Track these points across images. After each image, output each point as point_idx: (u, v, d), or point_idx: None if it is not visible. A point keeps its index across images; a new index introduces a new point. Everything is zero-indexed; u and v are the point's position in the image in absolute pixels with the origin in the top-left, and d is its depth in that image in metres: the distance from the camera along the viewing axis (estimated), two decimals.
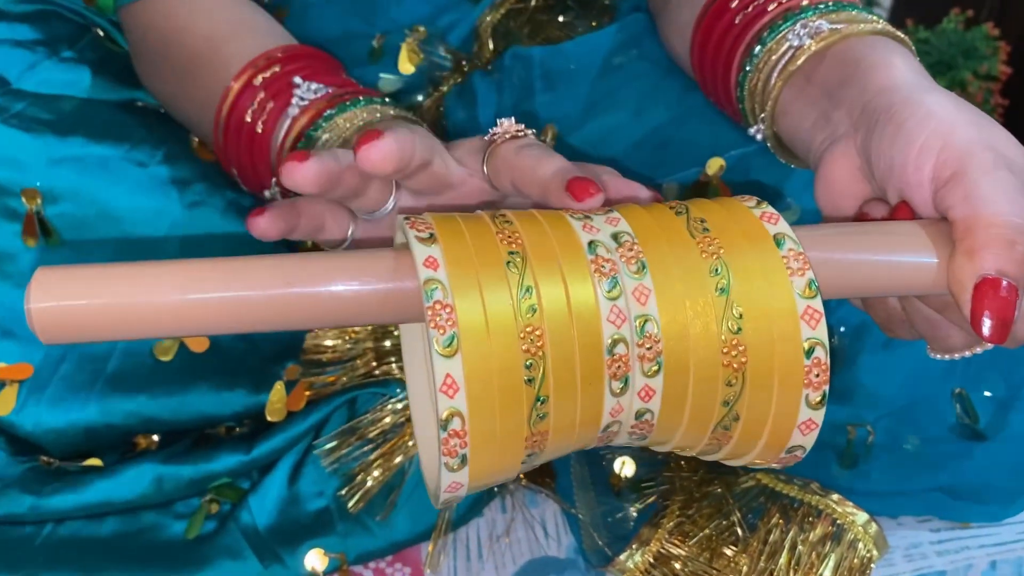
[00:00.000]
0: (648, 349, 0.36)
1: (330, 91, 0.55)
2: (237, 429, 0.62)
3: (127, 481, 0.57)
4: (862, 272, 0.40)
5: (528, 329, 0.35)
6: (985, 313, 0.37)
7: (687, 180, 0.63)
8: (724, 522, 0.56)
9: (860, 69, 0.47)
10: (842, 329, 0.61)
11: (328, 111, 0.54)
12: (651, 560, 0.55)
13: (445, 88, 0.72)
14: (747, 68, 0.53)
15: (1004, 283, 0.37)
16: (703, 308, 0.36)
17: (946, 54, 1.93)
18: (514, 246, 0.36)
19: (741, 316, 0.36)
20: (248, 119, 0.56)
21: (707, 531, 0.55)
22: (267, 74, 0.56)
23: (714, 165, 0.62)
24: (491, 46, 0.73)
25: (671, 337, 0.36)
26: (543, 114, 0.68)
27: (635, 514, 0.58)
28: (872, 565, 0.56)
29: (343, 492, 0.58)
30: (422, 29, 0.73)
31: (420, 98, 0.73)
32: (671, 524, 0.56)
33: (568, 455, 0.58)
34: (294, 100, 0.55)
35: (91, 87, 0.67)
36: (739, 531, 0.55)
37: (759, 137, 0.55)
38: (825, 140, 0.48)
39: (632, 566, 0.55)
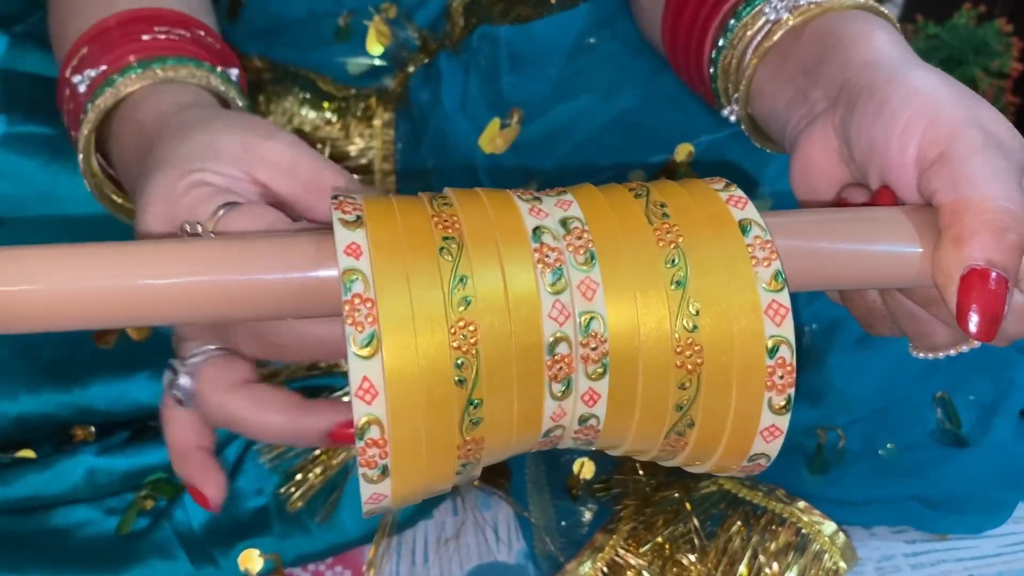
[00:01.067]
0: (593, 349, 0.32)
1: (96, 73, 0.47)
2: None
3: (59, 474, 0.55)
4: (839, 262, 0.36)
5: (460, 324, 0.31)
6: (972, 307, 0.33)
7: (655, 166, 0.60)
8: (681, 528, 0.53)
9: (840, 44, 0.44)
10: (814, 326, 0.58)
11: (87, 102, 0.47)
12: (603, 568, 0.52)
13: (411, 69, 0.69)
14: (721, 44, 0.50)
15: (993, 274, 0.33)
16: (656, 304, 0.32)
17: (957, 50, 1.88)
18: (450, 231, 0.33)
19: (698, 313, 0.32)
20: (66, 122, 0.50)
21: (662, 538, 0.52)
22: (75, 62, 0.49)
23: (683, 151, 0.59)
24: (462, 25, 0.70)
25: (619, 336, 0.32)
26: (509, 96, 0.65)
27: (591, 518, 0.55)
28: None
29: (282, 490, 0.55)
30: (391, 8, 0.70)
31: (387, 81, 0.71)
32: (626, 530, 0.53)
33: (524, 454, 0.55)
34: (81, 98, 0.48)
35: (40, 63, 0.65)
36: (696, 539, 0.52)
37: (732, 118, 0.52)
38: (802, 120, 0.45)
39: (583, 574, 0.52)
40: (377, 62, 0.70)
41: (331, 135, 0.68)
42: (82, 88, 0.47)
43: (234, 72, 0.51)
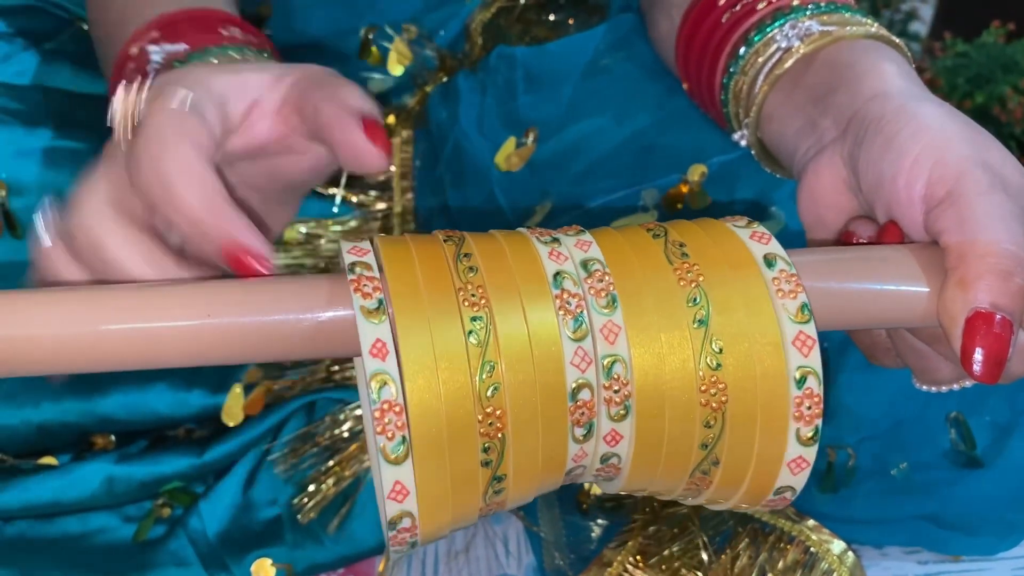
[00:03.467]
0: (615, 392, 0.33)
1: (177, 49, 0.48)
2: (196, 432, 0.60)
3: (77, 481, 0.56)
4: (849, 302, 0.36)
5: (488, 410, 0.32)
6: (977, 350, 0.33)
7: (668, 186, 0.60)
8: (690, 544, 0.53)
9: (850, 74, 0.44)
10: (825, 345, 0.58)
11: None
12: None
13: (430, 87, 0.70)
14: (732, 70, 0.50)
15: (998, 317, 0.33)
16: (679, 343, 0.33)
17: (985, 68, 1.87)
18: (476, 309, 0.32)
19: (721, 351, 0.33)
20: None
21: (670, 554, 0.52)
22: (144, 43, 0.49)
23: (695, 172, 0.60)
24: (481, 44, 0.71)
25: (643, 376, 0.33)
26: (525, 115, 0.66)
27: (600, 533, 0.55)
28: None
29: (295, 501, 0.56)
30: (412, 28, 0.71)
31: (407, 99, 0.72)
32: (634, 546, 0.53)
33: None
34: (149, 68, 0.48)
35: (70, 79, 0.67)
36: (704, 555, 0.52)
37: (743, 143, 0.52)
38: (810, 148, 0.45)
39: None
40: (397, 78, 0.72)
41: None
42: (156, 57, 0.47)
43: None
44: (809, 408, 0.33)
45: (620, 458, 0.34)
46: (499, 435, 0.32)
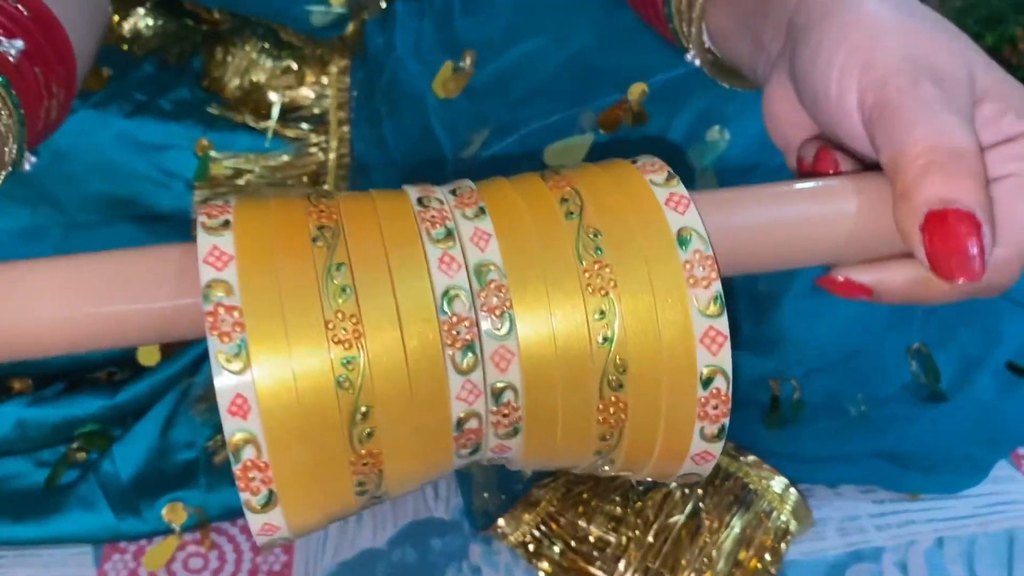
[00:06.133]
0: (504, 416, 0.30)
1: None
2: (117, 375, 0.58)
3: None
4: (768, 240, 0.33)
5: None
6: (943, 253, 0.30)
7: (606, 107, 0.57)
8: (618, 481, 0.50)
9: None
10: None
11: None
12: (538, 522, 0.50)
13: (367, 15, 0.67)
14: None
15: (952, 211, 0.30)
16: (580, 368, 0.29)
17: (995, 8, 1.81)
18: (348, 348, 0.29)
19: (624, 371, 0.29)
20: None
21: (598, 491, 0.49)
22: None
23: (635, 91, 0.56)
24: None
25: (534, 402, 0.30)
26: (463, 38, 0.62)
27: (531, 474, 0.52)
28: (788, 537, 0.50)
29: (210, 443, 0.53)
30: None
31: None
32: (563, 484, 0.50)
33: None
34: None
35: None
36: (632, 492, 0.49)
37: (697, 63, 0.48)
38: (764, 67, 0.41)
39: (516, 528, 0.50)
40: (339, 10, 0.68)
41: (285, 83, 0.66)
42: None
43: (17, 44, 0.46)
44: (715, 407, 0.30)
45: (512, 449, 0.32)
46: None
